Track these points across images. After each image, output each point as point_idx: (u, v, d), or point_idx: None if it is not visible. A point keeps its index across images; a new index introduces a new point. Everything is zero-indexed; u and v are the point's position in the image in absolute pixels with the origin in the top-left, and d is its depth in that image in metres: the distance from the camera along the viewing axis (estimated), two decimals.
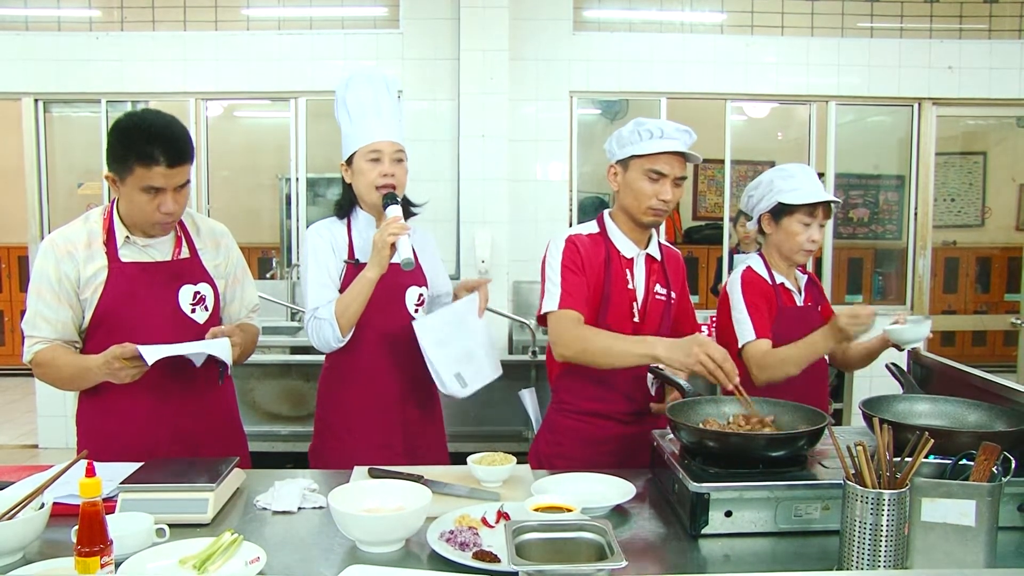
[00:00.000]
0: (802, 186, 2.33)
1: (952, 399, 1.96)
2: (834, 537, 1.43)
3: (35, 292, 1.99)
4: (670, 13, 5.62)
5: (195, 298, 2.07)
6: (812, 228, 2.34)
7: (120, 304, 1.98)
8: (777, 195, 2.37)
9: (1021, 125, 5.89)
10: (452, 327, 2.19)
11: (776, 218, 2.39)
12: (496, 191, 5.15)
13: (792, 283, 2.43)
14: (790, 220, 2.35)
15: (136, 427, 2.02)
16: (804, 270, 2.54)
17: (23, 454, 5.58)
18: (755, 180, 2.51)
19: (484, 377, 2.24)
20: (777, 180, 2.38)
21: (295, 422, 3.71)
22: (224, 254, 2.19)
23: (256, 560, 1.42)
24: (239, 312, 2.25)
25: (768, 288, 2.38)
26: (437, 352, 2.15)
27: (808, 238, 2.34)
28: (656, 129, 2.10)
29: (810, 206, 2.31)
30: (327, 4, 5.52)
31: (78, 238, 1.99)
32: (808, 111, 5.72)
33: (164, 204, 1.93)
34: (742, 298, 2.35)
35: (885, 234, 6.72)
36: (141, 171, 1.88)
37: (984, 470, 1.36)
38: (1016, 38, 5.65)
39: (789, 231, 2.36)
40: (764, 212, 2.43)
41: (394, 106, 2.24)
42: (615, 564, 1.19)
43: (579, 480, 1.83)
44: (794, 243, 2.36)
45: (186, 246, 2.10)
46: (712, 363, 1.84)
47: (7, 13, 5.52)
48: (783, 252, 2.41)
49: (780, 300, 2.37)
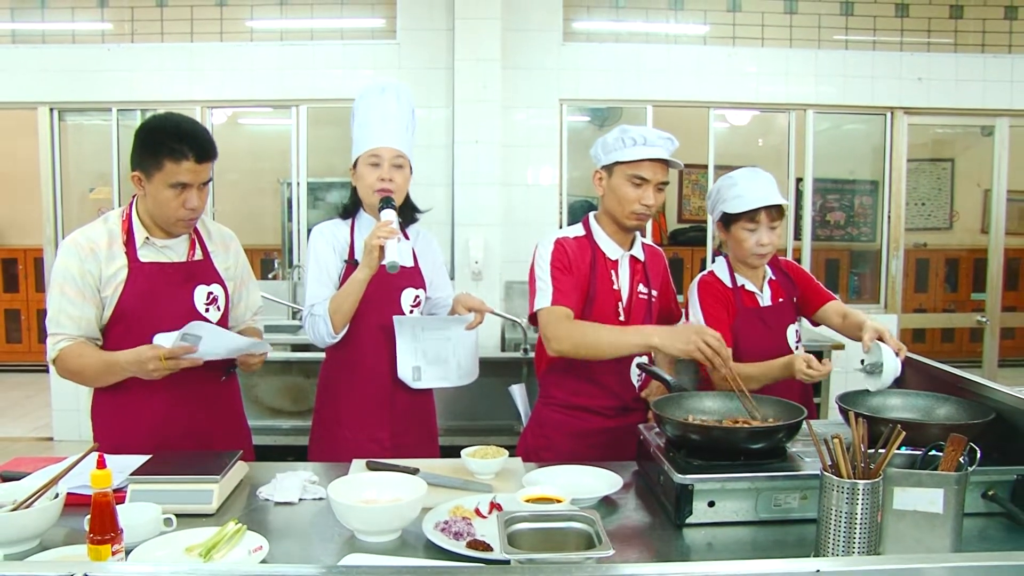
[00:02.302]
0: (744, 193, 2.26)
1: (923, 393, 1.97)
2: (811, 525, 1.45)
3: (58, 290, 1.97)
4: (656, 25, 5.64)
5: (208, 298, 2.09)
6: (759, 232, 2.26)
7: (139, 302, 2.00)
8: (721, 204, 2.32)
9: (986, 134, 5.98)
10: (431, 332, 2.22)
11: (725, 226, 2.34)
12: (489, 195, 5.19)
13: (755, 284, 2.37)
14: (736, 228, 2.30)
15: (151, 424, 2.03)
16: (778, 266, 2.47)
17: (39, 446, 5.63)
18: (711, 188, 2.45)
19: (447, 382, 2.28)
20: (723, 189, 2.33)
21: (296, 417, 3.77)
22: (233, 257, 2.23)
23: (259, 549, 1.43)
24: (244, 314, 2.28)
25: (726, 291, 2.33)
26: (406, 344, 2.20)
27: (756, 242, 2.27)
28: (639, 136, 2.11)
29: (751, 212, 2.24)
30: (327, 16, 5.52)
31: (99, 238, 2.00)
32: (787, 119, 5.76)
33: (189, 200, 1.97)
34: (698, 303, 2.33)
35: (860, 236, 6.77)
36: (171, 166, 1.92)
37: (952, 460, 1.38)
38: (979, 52, 5.73)
39: (737, 238, 2.30)
40: (717, 221, 2.39)
41: (402, 115, 2.24)
42: (603, 552, 1.20)
43: (568, 472, 1.84)
44: (743, 249, 2.30)
45: (199, 248, 2.13)
46: (710, 349, 1.86)
47: (25, 27, 5.58)
48: (737, 257, 2.36)
49: (740, 301, 2.32)
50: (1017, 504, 1.62)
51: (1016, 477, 1.63)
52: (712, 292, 2.35)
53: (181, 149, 1.93)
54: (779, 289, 2.44)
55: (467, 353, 2.30)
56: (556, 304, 2.10)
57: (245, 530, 1.48)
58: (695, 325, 1.96)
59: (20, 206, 7.68)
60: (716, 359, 1.87)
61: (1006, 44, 5.78)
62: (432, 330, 2.24)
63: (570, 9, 5.57)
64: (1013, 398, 1.76)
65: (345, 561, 1.39)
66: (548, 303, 2.11)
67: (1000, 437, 1.73)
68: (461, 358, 2.28)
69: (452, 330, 2.25)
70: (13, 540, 1.44)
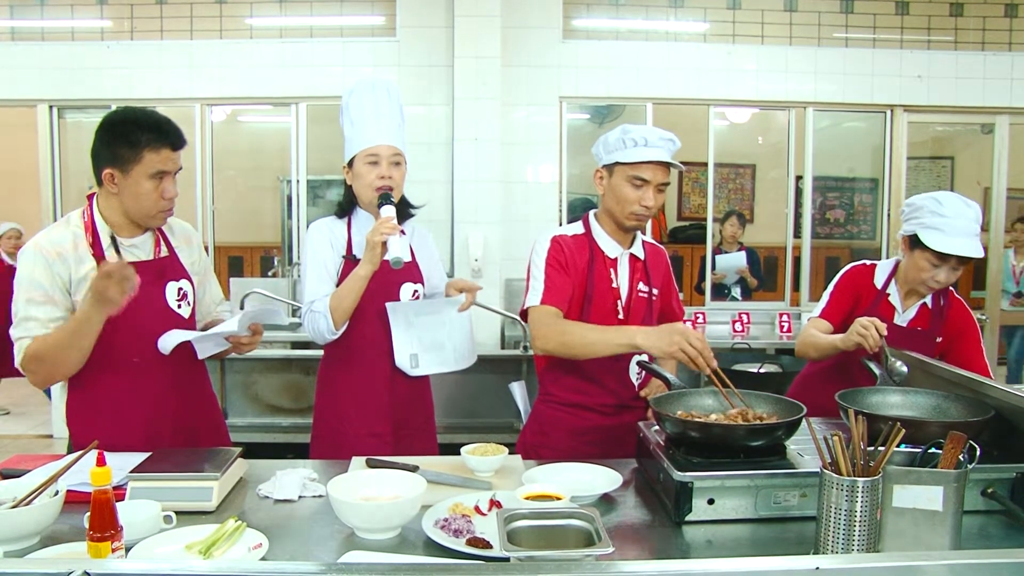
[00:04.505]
0: (946, 228, 2.20)
1: (922, 391, 1.96)
2: (811, 523, 1.44)
3: (23, 298, 1.90)
4: (655, 22, 5.66)
5: (179, 294, 2.08)
6: (941, 271, 2.25)
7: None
8: (919, 226, 2.26)
9: (986, 132, 5.99)
10: (424, 316, 2.23)
11: (911, 244, 2.31)
12: (489, 192, 5.20)
13: (903, 300, 2.38)
14: (920, 255, 2.26)
15: (131, 416, 2.00)
16: (941, 299, 2.38)
17: (38, 444, 5.66)
18: (912, 198, 2.37)
19: (445, 367, 2.27)
20: (926, 209, 2.26)
21: (295, 414, 3.79)
22: (197, 252, 2.21)
23: (259, 546, 1.42)
24: (209, 307, 2.27)
25: (870, 288, 2.39)
26: (400, 332, 2.20)
27: (933, 278, 2.26)
28: (640, 137, 2.08)
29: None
30: (327, 13, 5.55)
31: (64, 241, 1.94)
32: (787, 116, 5.78)
33: (168, 190, 1.96)
34: (833, 286, 2.42)
35: (860, 234, 6.79)
36: (151, 157, 1.91)
37: (951, 458, 1.37)
38: (979, 50, 5.75)
39: (916, 264, 2.28)
40: (905, 236, 2.34)
41: (394, 112, 2.24)
42: (602, 550, 1.19)
43: (568, 469, 1.83)
44: (916, 276, 2.30)
45: (164, 245, 2.10)
46: (693, 349, 1.86)
47: (25, 24, 5.59)
48: (907, 278, 2.35)
49: (877, 306, 2.36)
50: (1016, 502, 1.62)
51: (1015, 475, 1.63)
52: (854, 282, 2.42)
53: (159, 139, 1.93)
54: (925, 319, 2.40)
55: (462, 336, 2.30)
56: (545, 303, 2.11)
57: (245, 527, 1.48)
58: (679, 325, 1.95)
59: (20, 203, 7.67)
60: (699, 359, 1.87)
61: (1006, 42, 5.80)
62: (426, 315, 2.24)
63: (570, 7, 5.59)
64: (1013, 396, 1.76)
65: (345, 558, 1.39)
66: (538, 302, 2.12)
67: (999, 435, 1.73)
68: (457, 342, 2.28)
69: (445, 313, 2.26)
70: (13, 537, 1.44)
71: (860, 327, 2.14)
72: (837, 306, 2.40)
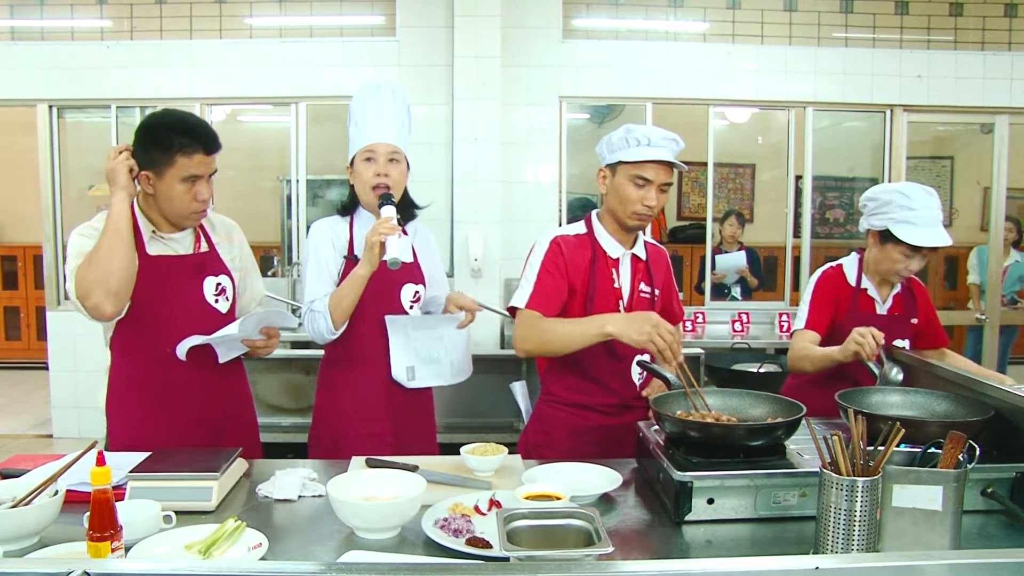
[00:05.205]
0: (917, 221, 2.27)
1: (922, 391, 1.97)
2: (811, 523, 1.45)
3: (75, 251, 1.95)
4: (655, 22, 5.66)
5: (217, 289, 2.11)
6: (913, 261, 2.32)
7: (150, 296, 2.00)
8: (888, 220, 2.31)
9: (986, 131, 5.98)
10: (423, 332, 2.25)
11: (881, 237, 2.37)
12: (489, 192, 5.20)
13: (879, 291, 2.44)
14: (892, 248, 2.33)
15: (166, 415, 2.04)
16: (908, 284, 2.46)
17: (38, 443, 5.64)
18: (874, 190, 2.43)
19: (441, 380, 2.30)
20: (895, 203, 2.31)
21: (296, 414, 3.79)
22: (237, 248, 2.25)
23: (258, 546, 1.43)
24: (249, 304, 2.29)
25: (846, 288, 2.42)
26: (398, 344, 2.22)
27: (906, 268, 2.33)
28: (644, 137, 2.09)
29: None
30: (327, 13, 5.55)
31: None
32: (787, 116, 5.76)
33: (201, 192, 2.01)
34: (811, 293, 2.45)
35: (859, 234, 6.74)
36: (183, 161, 1.96)
37: (951, 457, 1.38)
38: (979, 50, 5.74)
39: (889, 256, 2.34)
40: (872, 230, 2.41)
41: (398, 112, 2.26)
42: (602, 549, 1.19)
43: (568, 469, 1.83)
44: (888, 268, 2.37)
45: (204, 240, 2.14)
46: (662, 341, 1.87)
47: (24, 24, 5.59)
48: (878, 270, 2.41)
49: (857, 302, 2.41)
50: (1016, 502, 1.62)
51: (1015, 474, 1.63)
52: (830, 286, 2.44)
53: (191, 143, 1.97)
54: (900, 304, 2.48)
55: (460, 352, 2.32)
56: (530, 307, 2.12)
57: (244, 527, 1.48)
58: (653, 315, 1.94)
59: (20, 203, 7.70)
60: (667, 352, 1.87)
61: (1006, 42, 5.80)
62: (424, 329, 2.26)
63: (570, 6, 5.59)
64: (1012, 396, 1.76)
65: (344, 558, 1.40)
66: (523, 304, 2.13)
67: (999, 434, 1.74)
68: (454, 357, 2.30)
69: (443, 329, 2.28)
70: (12, 537, 1.45)
71: (857, 336, 2.15)
72: (819, 314, 2.42)
